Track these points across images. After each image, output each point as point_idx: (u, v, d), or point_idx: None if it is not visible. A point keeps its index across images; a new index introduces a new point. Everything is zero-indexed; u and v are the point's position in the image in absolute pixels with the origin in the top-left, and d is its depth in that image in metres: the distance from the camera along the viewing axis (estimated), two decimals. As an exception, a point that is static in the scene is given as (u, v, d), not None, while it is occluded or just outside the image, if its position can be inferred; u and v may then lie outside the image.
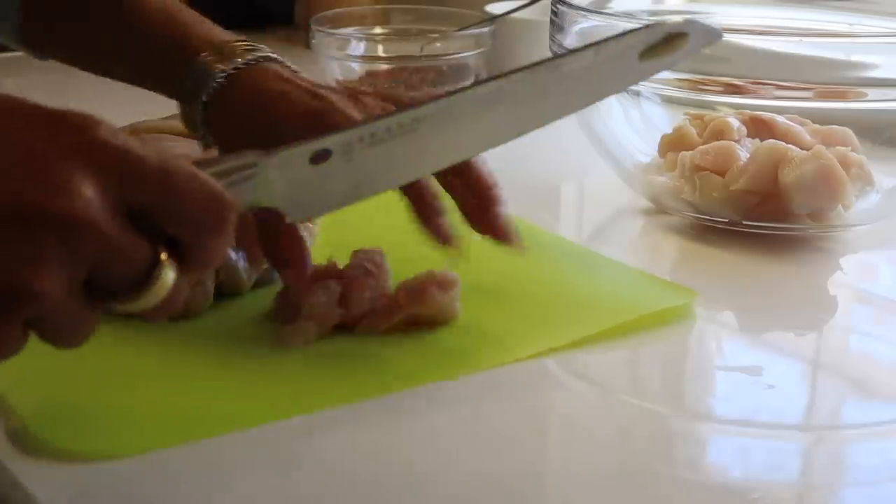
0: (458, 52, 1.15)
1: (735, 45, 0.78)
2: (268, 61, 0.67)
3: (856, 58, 0.78)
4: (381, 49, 1.20)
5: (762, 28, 0.91)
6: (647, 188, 0.86)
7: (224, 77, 0.66)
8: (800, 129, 0.84)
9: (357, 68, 1.16)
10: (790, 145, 0.80)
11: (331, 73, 1.17)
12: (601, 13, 0.85)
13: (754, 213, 0.80)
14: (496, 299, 0.69)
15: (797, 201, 0.78)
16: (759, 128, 0.85)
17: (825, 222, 0.80)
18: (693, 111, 0.86)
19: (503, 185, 0.66)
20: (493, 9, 1.28)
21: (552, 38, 0.86)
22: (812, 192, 0.78)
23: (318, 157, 0.55)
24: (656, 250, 0.84)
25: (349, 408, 0.58)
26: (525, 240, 0.66)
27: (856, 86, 0.77)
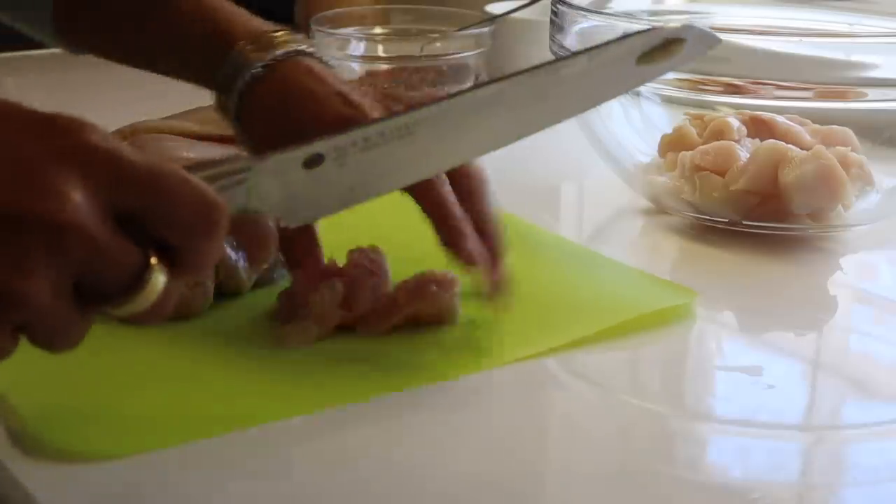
0: (458, 52, 1.15)
1: (735, 45, 0.78)
2: (303, 55, 0.66)
3: (856, 58, 0.79)
4: (381, 49, 1.20)
5: (762, 28, 0.91)
6: (647, 188, 0.86)
7: (261, 68, 0.65)
8: (800, 129, 0.84)
9: (357, 68, 1.16)
10: (790, 145, 0.80)
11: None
12: (601, 13, 0.85)
13: (754, 213, 0.80)
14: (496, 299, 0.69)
15: (797, 201, 0.79)
16: (759, 128, 0.85)
17: (825, 222, 0.80)
18: (693, 111, 0.86)
19: (503, 185, 0.66)
20: (493, 9, 1.28)
21: (552, 38, 0.86)
22: (812, 192, 0.78)
23: (312, 161, 0.55)
24: (656, 250, 0.84)
25: (349, 408, 0.58)
26: (525, 240, 0.66)
27: (856, 86, 0.77)
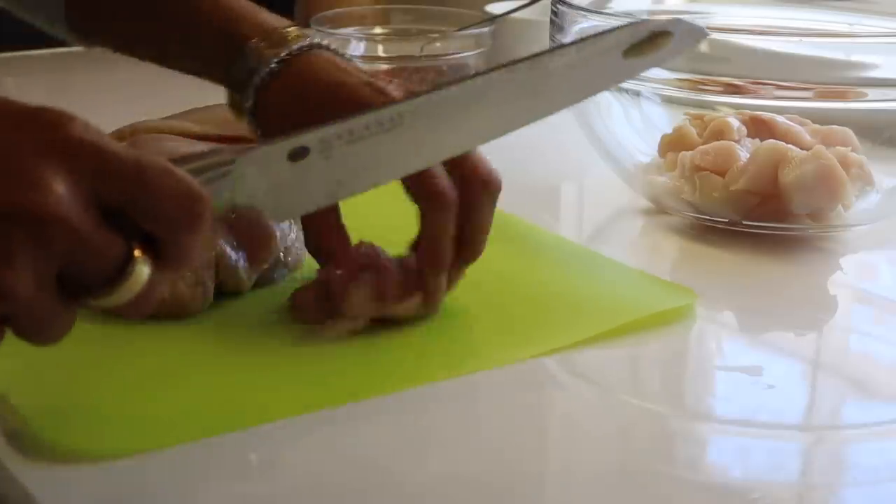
0: (458, 52, 1.15)
1: (735, 45, 0.78)
2: (320, 48, 0.66)
3: (856, 58, 0.79)
4: (381, 49, 1.20)
5: (762, 28, 0.91)
6: (647, 188, 0.86)
7: (278, 63, 0.65)
8: (800, 129, 0.84)
9: (357, 68, 1.16)
10: (790, 145, 0.80)
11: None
12: (601, 13, 0.85)
13: (754, 213, 0.80)
14: (496, 299, 0.69)
15: (797, 201, 0.78)
16: (759, 128, 0.85)
17: (825, 222, 0.80)
18: (693, 111, 0.86)
19: (503, 184, 0.66)
20: (493, 9, 1.28)
21: (552, 38, 0.86)
22: (812, 192, 0.78)
23: (297, 154, 0.55)
24: (656, 250, 0.84)
25: (349, 407, 0.58)
26: (525, 240, 0.66)
27: (856, 86, 0.77)
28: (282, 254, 0.70)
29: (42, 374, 0.59)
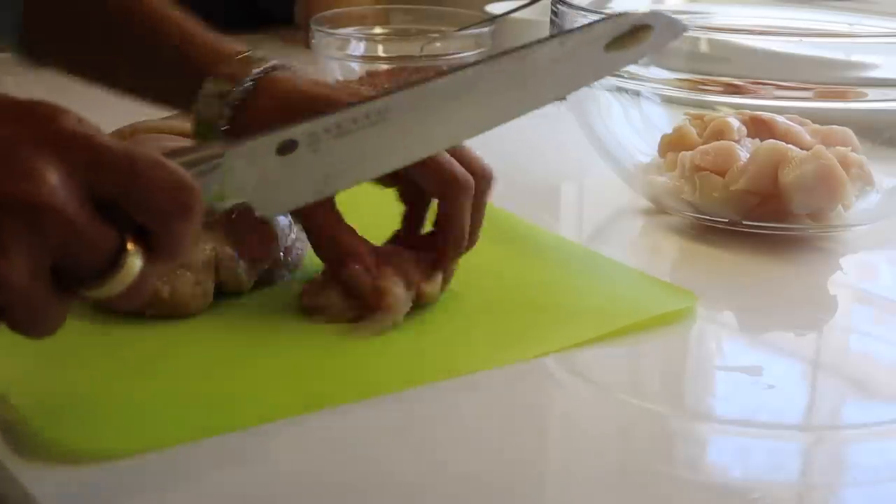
0: (458, 52, 1.15)
1: (735, 45, 0.78)
2: (285, 69, 0.67)
3: (856, 58, 0.79)
4: (381, 49, 1.20)
5: (762, 28, 0.91)
6: (647, 188, 0.86)
7: (252, 80, 0.66)
8: (800, 129, 0.84)
9: (357, 68, 1.16)
10: (790, 145, 0.80)
11: (331, 74, 1.17)
12: (601, 13, 0.85)
13: (754, 213, 0.80)
14: (496, 299, 0.69)
15: (797, 201, 0.78)
16: (759, 128, 0.85)
17: (825, 222, 0.80)
18: (693, 111, 0.86)
19: (503, 185, 0.66)
20: (493, 9, 1.28)
21: (552, 38, 0.86)
22: (812, 192, 0.78)
23: (285, 147, 0.55)
24: (656, 250, 0.84)
25: (349, 407, 0.58)
26: (525, 240, 0.66)
27: (856, 86, 0.77)
28: (282, 254, 0.70)
29: (42, 374, 0.59)
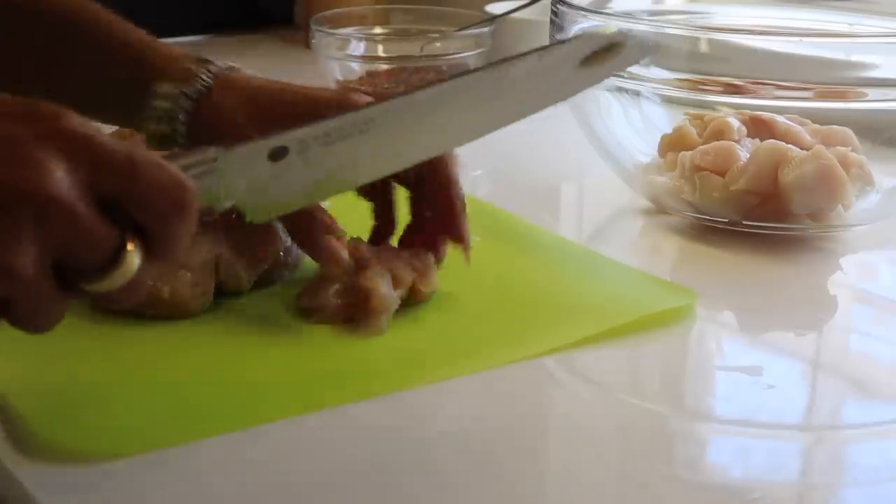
0: (458, 52, 1.15)
1: (735, 45, 0.78)
2: (236, 70, 0.68)
3: (856, 58, 0.79)
4: (381, 49, 1.20)
5: (762, 28, 0.91)
6: (647, 188, 0.86)
7: (208, 77, 0.66)
8: (800, 129, 0.84)
9: (357, 68, 1.16)
10: (790, 145, 0.80)
11: (331, 73, 1.17)
12: (601, 13, 0.85)
13: (754, 213, 0.80)
14: (496, 299, 0.69)
15: (797, 201, 0.78)
16: (759, 128, 0.85)
17: (825, 222, 0.80)
18: (693, 111, 0.86)
19: (503, 185, 0.67)
20: (493, 9, 1.28)
21: (552, 38, 0.86)
22: (812, 192, 0.78)
23: (276, 153, 0.57)
24: (656, 250, 0.84)
25: (349, 407, 0.58)
26: (525, 240, 0.66)
27: (856, 86, 0.77)
28: (281, 254, 0.70)
29: (42, 374, 0.59)
